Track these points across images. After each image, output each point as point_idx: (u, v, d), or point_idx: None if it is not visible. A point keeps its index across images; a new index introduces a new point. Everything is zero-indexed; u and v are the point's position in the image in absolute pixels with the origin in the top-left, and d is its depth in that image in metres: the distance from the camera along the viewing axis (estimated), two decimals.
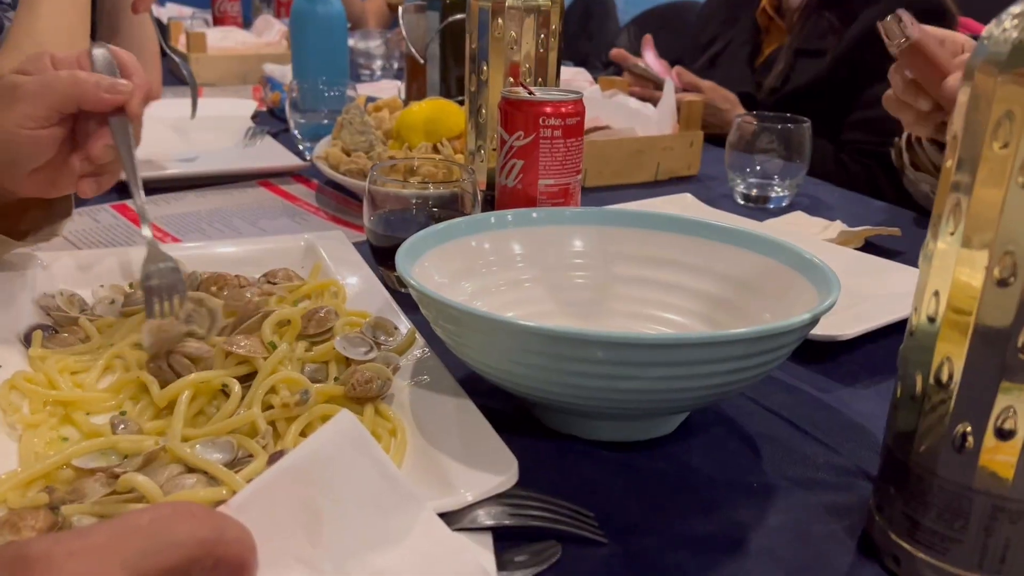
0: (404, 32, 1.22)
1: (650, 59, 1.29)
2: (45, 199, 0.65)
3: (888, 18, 0.82)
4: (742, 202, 0.99)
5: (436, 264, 0.57)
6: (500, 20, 0.77)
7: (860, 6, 1.33)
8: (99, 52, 0.59)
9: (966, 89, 0.37)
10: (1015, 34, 0.36)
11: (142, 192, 0.59)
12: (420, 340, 0.57)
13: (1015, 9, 0.37)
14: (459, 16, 1.11)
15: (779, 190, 0.97)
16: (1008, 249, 0.35)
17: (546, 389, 0.47)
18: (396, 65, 1.82)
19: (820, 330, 0.60)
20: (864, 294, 0.69)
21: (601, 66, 2.11)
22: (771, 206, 0.98)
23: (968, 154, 0.37)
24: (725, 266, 0.60)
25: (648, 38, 1.31)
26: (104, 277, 0.67)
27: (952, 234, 0.37)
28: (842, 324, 0.62)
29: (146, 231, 0.59)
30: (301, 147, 1.13)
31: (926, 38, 0.80)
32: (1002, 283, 0.36)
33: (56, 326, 0.58)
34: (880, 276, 0.73)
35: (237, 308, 0.57)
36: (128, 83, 0.58)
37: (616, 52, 1.32)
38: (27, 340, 0.55)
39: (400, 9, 1.25)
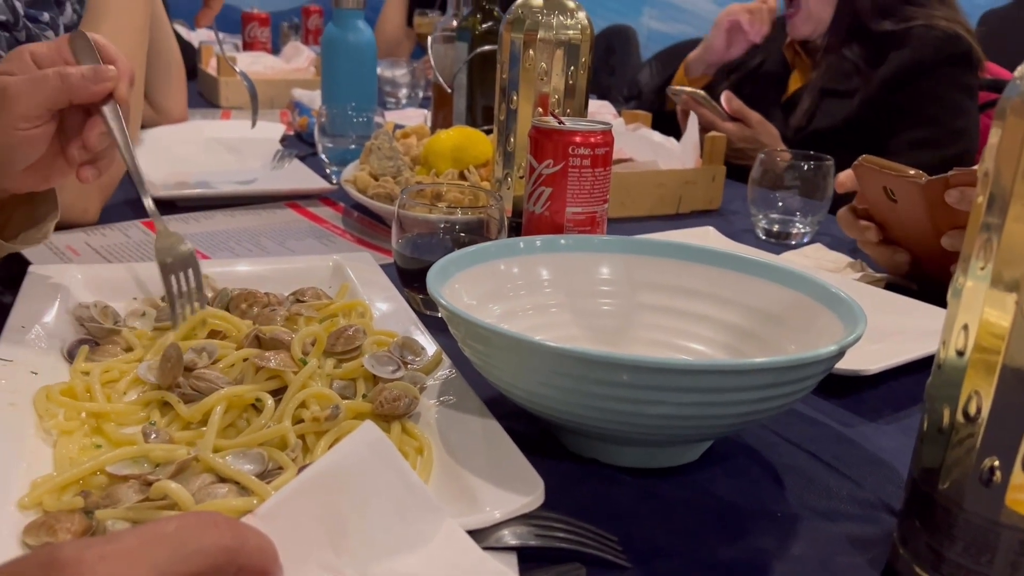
0: (432, 62, 1.25)
1: (724, 99, 1.31)
2: (30, 201, 0.66)
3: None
4: (764, 237, 1.00)
5: (465, 286, 0.58)
6: (531, 52, 0.79)
7: (887, 48, 1.34)
8: (80, 40, 0.60)
9: (997, 129, 0.38)
10: None
11: (142, 171, 0.62)
12: (447, 361, 0.57)
13: None
14: (486, 47, 1.13)
15: (800, 227, 0.98)
16: None
17: (572, 412, 0.47)
18: (421, 93, 1.85)
19: (844, 365, 0.60)
20: (888, 331, 0.69)
21: (623, 100, 2.14)
22: (792, 243, 0.98)
23: (999, 192, 0.37)
24: (751, 298, 0.60)
25: (728, 94, 1.33)
26: (136, 290, 0.68)
27: (982, 270, 0.38)
28: (866, 359, 0.62)
29: (148, 203, 0.62)
30: (328, 171, 1.15)
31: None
32: None
33: (93, 337, 0.59)
34: (904, 314, 0.73)
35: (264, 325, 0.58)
36: (112, 68, 0.58)
37: (684, 98, 1.34)
38: (70, 354, 0.56)
39: (429, 39, 1.28)
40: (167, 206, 0.99)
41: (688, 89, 1.33)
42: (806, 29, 1.43)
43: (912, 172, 0.78)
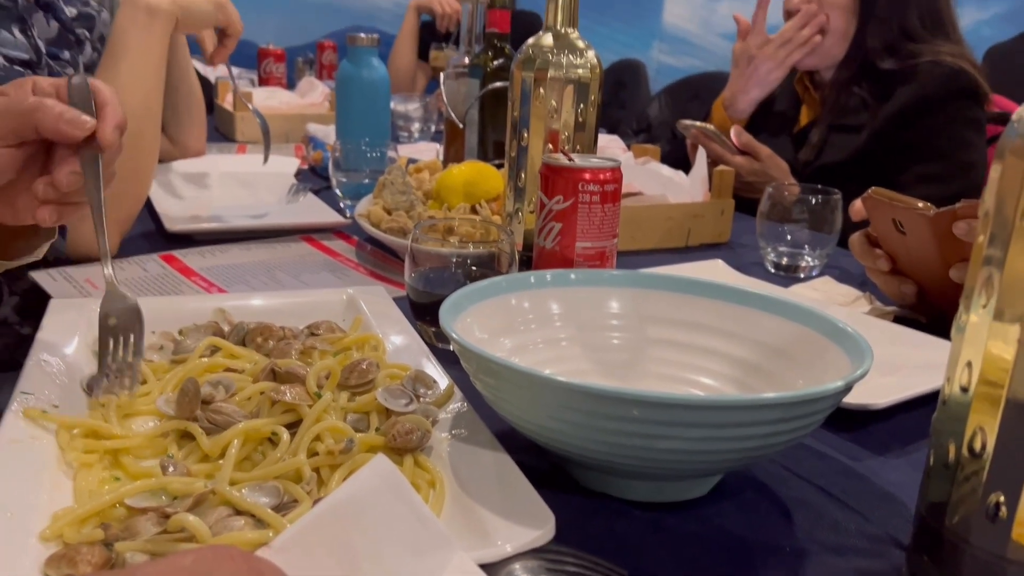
0: (444, 98, 1.27)
1: (733, 133, 1.32)
2: (33, 231, 0.66)
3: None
4: (772, 270, 1.01)
5: (477, 320, 0.59)
6: (542, 90, 0.81)
7: (894, 84, 1.35)
8: (77, 82, 0.59)
9: (997, 167, 0.39)
10: None
11: (105, 230, 0.59)
12: (459, 394, 0.58)
13: None
14: (498, 84, 1.15)
15: (809, 260, 0.99)
16: None
17: (582, 446, 0.48)
18: (433, 128, 1.88)
19: (852, 399, 0.60)
20: (896, 364, 0.70)
21: (632, 133, 2.16)
22: (801, 276, 0.99)
23: (999, 230, 0.38)
24: (759, 332, 0.61)
25: (737, 128, 1.34)
26: (154, 324, 0.69)
27: (984, 307, 0.39)
28: (874, 393, 0.63)
29: (107, 270, 0.60)
30: (342, 204, 1.17)
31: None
32: None
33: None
34: (912, 347, 0.74)
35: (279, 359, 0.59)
36: (91, 120, 0.57)
37: (695, 132, 1.35)
38: (89, 387, 0.57)
39: (441, 75, 1.30)
40: (184, 239, 1.00)
41: (698, 124, 1.35)
42: (814, 61, 1.44)
43: (920, 204, 0.79)
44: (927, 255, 0.79)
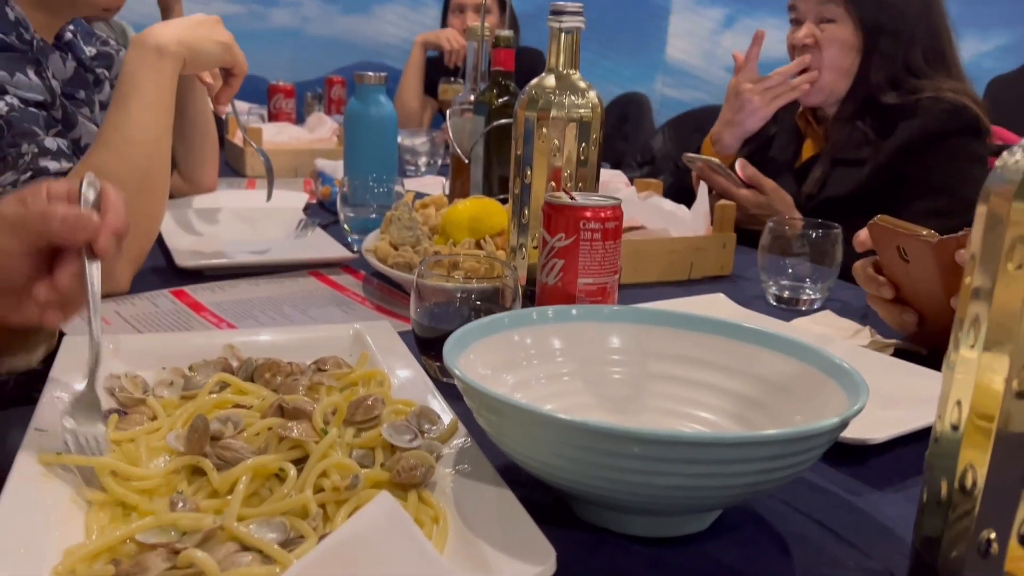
0: (450, 134, 1.29)
1: (738, 166, 1.33)
2: (30, 335, 0.65)
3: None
4: (774, 303, 1.02)
5: (480, 356, 0.60)
6: (544, 129, 0.83)
7: (896, 119, 1.36)
8: (88, 187, 0.59)
9: (982, 208, 0.41)
10: None
11: (99, 331, 0.57)
12: (462, 430, 0.59)
13: None
14: (503, 121, 1.18)
15: (811, 293, 1.00)
16: None
17: (582, 482, 0.49)
18: (440, 162, 1.90)
19: (851, 433, 0.61)
20: (896, 398, 0.70)
21: (636, 165, 2.18)
22: (803, 308, 1.00)
23: (985, 272, 0.39)
24: (758, 368, 0.62)
25: (742, 161, 1.35)
26: (164, 360, 0.71)
27: (972, 347, 0.40)
28: (873, 428, 0.63)
29: (98, 373, 0.57)
30: (350, 239, 1.18)
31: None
32: (1021, 395, 0.38)
33: (122, 407, 0.62)
34: (912, 381, 0.74)
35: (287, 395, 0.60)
36: (93, 220, 0.56)
37: (700, 167, 1.37)
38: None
39: (447, 112, 1.33)
40: (193, 275, 1.02)
41: (703, 157, 1.36)
42: (817, 98, 1.46)
43: (924, 232, 0.80)
44: (930, 284, 0.80)
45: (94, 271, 0.56)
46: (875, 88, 1.39)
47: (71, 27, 1.17)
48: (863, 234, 0.88)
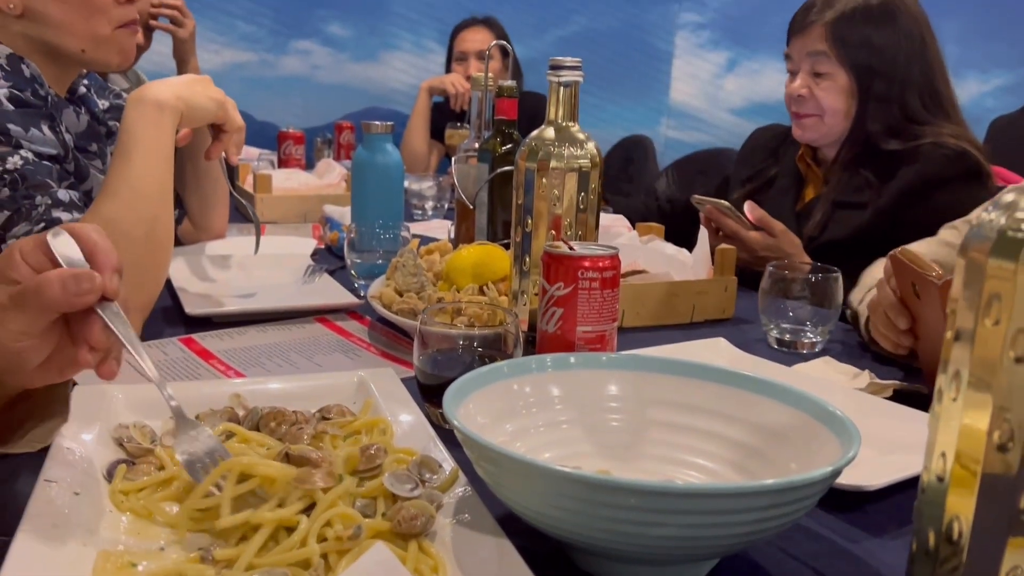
0: (455, 180, 1.32)
1: (747, 209, 1.34)
2: (44, 408, 0.66)
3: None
4: (775, 346, 1.03)
5: (480, 406, 0.61)
6: (544, 180, 0.85)
7: (897, 164, 1.37)
8: (59, 242, 0.57)
9: (961, 262, 0.42)
10: (1002, 221, 0.41)
11: (149, 363, 0.58)
12: (462, 478, 0.60)
13: (1005, 198, 0.42)
14: (506, 168, 1.20)
15: (811, 336, 1.01)
16: (1005, 417, 0.38)
17: (580, 532, 0.50)
18: (447, 205, 1.93)
19: (847, 480, 0.62)
20: (894, 443, 0.71)
21: (641, 207, 2.20)
22: (803, 351, 1.01)
23: (964, 327, 0.40)
24: (754, 415, 0.63)
25: (751, 204, 1.36)
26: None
27: (954, 400, 0.41)
28: (870, 474, 0.64)
29: (172, 403, 0.60)
30: (356, 284, 1.20)
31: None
32: (1002, 448, 0.39)
33: (131, 457, 0.63)
34: (909, 426, 0.75)
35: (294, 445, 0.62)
36: (94, 275, 0.55)
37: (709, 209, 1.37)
38: (109, 474, 0.60)
39: (452, 159, 1.36)
40: (202, 322, 1.04)
41: (712, 200, 1.37)
42: (812, 135, 1.46)
43: (934, 272, 0.80)
44: (935, 324, 0.80)
45: (114, 314, 0.56)
46: (875, 136, 1.40)
47: (85, 81, 1.21)
48: (887, 270, 0.89)
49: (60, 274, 0.54)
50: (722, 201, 1.36)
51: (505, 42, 2.55)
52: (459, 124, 2.43)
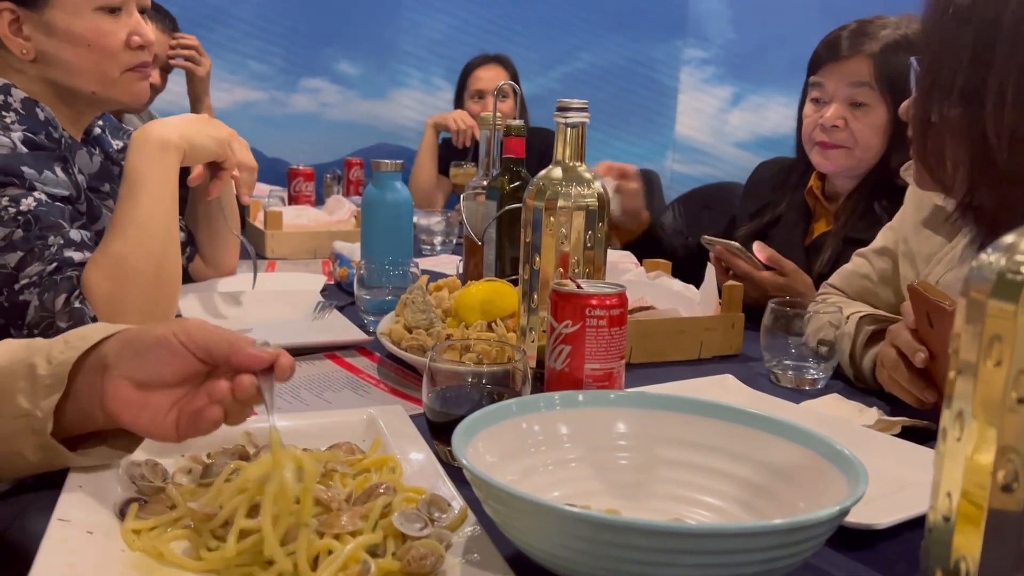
0: (464, 217, 1.33)
1: (757, 249, 1.34)
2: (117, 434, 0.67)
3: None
4: (779, 383, 1.03)
5: (488, 444, 0.62)
6: (552, 218, 0.86)
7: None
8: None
9: (962, 307, 0.42)
10: (1002, 263, 0.41)
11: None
12: (472, 517, 0.60)
13: (1005, 240, 0.43)
14: (515, 205, 1.21)
15: (814, 372, 1.01)
16: (1009, 457, 0.39)
17: (589, 572, 0.50)
18: (455, 240, 1.95)
19: (856, 518, 0.62)
20: (904, 481, 0.71)
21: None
22: (807, 388, 1.01)
23: (967, 368, 0.41)
24: (762, 453, 0.63)
25: (760, 244, 1.35)
26: (183, 447, 0.73)
27: (958, 440, 0.41)
28: (880, 513, 0.64)
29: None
30: (366, 320, 1.21)
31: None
32: (1007, 488, 0.39)
33: (143, 495, 0.64)
34: (919, 463, 0.75)
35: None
36: (270, 355, 0.63)
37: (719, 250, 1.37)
38: (121, 513, 0.60)
39: (461, 197, 1.37)
40: None
41: (722, 240, 1.37)
42: (837, 166, 1.43)
43: (948, 301, 0.81)
44: (948, 354, 0.80)
45: (270, 387, 0.63)
46: (894, 171, 1.39)
47: (100, 122, 1.23)
48: (907, 305, 0.89)
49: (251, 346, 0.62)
50: (732, 242, 1.35)
51: (515, 82, 2.61)
52: (463, 163, 2.45)
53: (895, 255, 1.15)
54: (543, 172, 0.88)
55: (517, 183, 1.25)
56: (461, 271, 1.40)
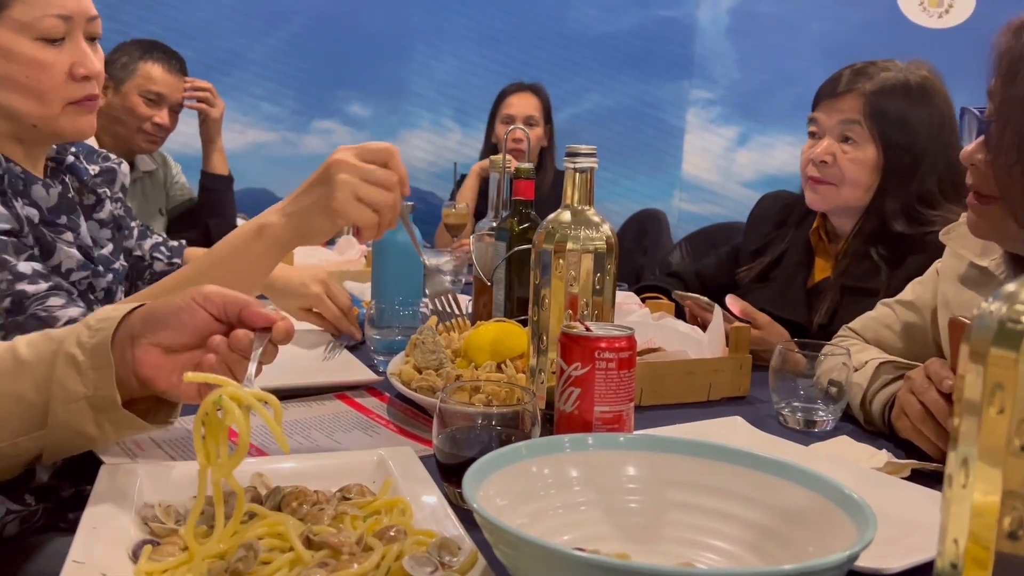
0: (474, 258, 1.35)
1: (730, 302, 1.33)
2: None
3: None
4: (788, 425, 1.03)
5: (498, 488, 0.62)
6: (561, 261, 0.87)
7: (907, 250, 1.36)
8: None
9: (965, 353, 0.43)
10: (1003, 311, 0.42)
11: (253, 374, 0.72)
12: (482, 561, 0.61)
13: (1008, 288, 0.44)
14: (524, 247, 1.23)
15: (823, 415, 1.01)
16: (1014, 504, 0.39)
17: None
18: (464, 280, 1.96)
19: (866, 563, 0.62)
20: (915, 524, 0.71)
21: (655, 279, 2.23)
22: (816, 430, 1.01)
23: (970, 415, 0.41)
24: (771, 497, 0.63)
25: (732, 297, 1.35)
26: (195, 488, 0.73)
27: (964, 487, 0.41)
28: (890, 557, 0.64)
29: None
30: (375, 360, 1.22)
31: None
32: (1012, 535, 0.39)
33: (155, 537, 0.64)
34: (928, 507, 0.75)
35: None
36: (276, 313, 0.72)
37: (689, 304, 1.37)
38: (135, 555, 0.61)
39: (471, 238, 1.39)
40: None
41: (692, 295, 1.37)
42: (825, 204, 1.44)
43: None
44: None
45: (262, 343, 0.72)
46: (889, 214, 1.38)
47: (73, 149, 1.17)
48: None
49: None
50: (701, 297, 1.35)
51: (547, 110, 2.77)
52: (454, 204, 2.45)
53: (922, 310, 1.15)
54: (552, 215, 0.90)
55: (526, 224, 1.27)
56: (470, 311, 1.41)
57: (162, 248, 1.34)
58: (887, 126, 1.37)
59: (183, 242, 1.39)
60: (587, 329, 0.77)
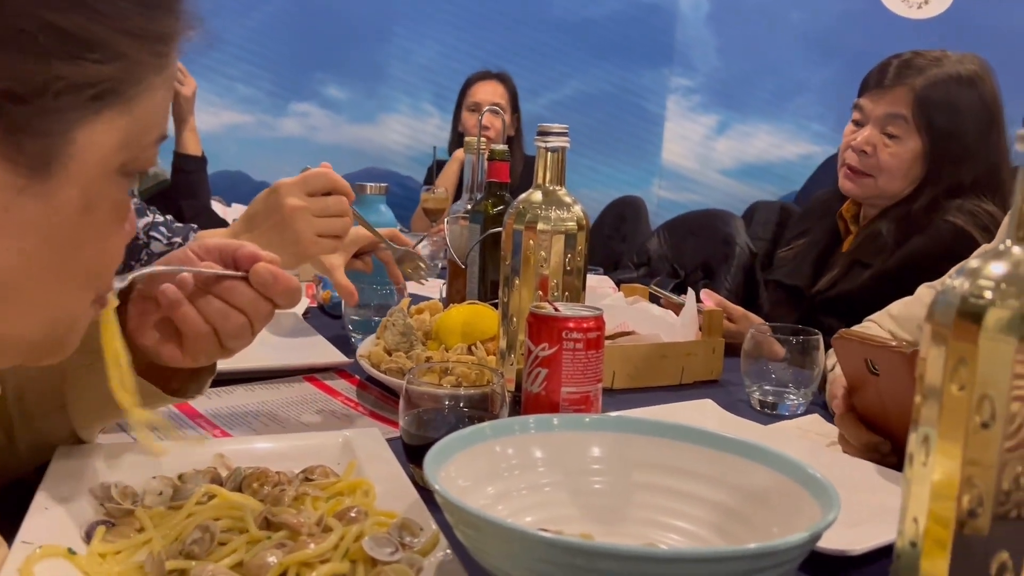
0: (448, 241, 1.34)
1: (704, 296, 1.31)
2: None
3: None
4: (759, 408, 1.03)
5: (461, 468, 0.61)
6: (532, 242, 0.86)
7: (915, 229, 1.35)
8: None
9: (927, 330, 0.43)
10: (966, 287, 0.41)
11: None
12: (444, 542, 0.60)
13: (970, 264, 0.43)
14: (497, 229, 1.22)
15: (793, 397, 1.01)
16: (974, 482, 0.39)
17: None
18: (440, 264, 1.95)
19: (831, 544, 0.61)
20: (879, 507, 0.71)
21: (633, 266, 2.23)
22: (786, 412, 1.01)
23: (932, 393, 0.41)
24: (737, 477, 0.63)
25: (707, 291, 1.34)
26: (155, 469, 0.72)
27: (924, 465, 0.41)
28: (854, 538, 0.64)
29: None
30: (353, 340, 1.21)
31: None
32: (972, 513, 0.39)
33: (111, 518, 0.63)
34: (895, 488, 0.75)
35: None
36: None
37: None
38: (88, 536, 0.59)
39: (445, 220, 1.38)
40: None
41: (664, 292, 1.36)
42: (860, 191, 1.42)
43: (895, 343, 0.81)
44: (902, 397, 0.80)
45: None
46: (918, 208, 1.36)
47: None
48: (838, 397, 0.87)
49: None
50: (673, 296, 1.34)
51: (514, 99, 2.71)
52: (433, 189, 2.43)
53: None
54: (523, 196, 0.89)
55: (501, 207, 1.26)
56: (444, 295, 1.39)
57: (161, 228, 1.31)
58: (935, 121, 1.34)
59: (194, 226, 1.35)
60: (555, 309, 0.77)
